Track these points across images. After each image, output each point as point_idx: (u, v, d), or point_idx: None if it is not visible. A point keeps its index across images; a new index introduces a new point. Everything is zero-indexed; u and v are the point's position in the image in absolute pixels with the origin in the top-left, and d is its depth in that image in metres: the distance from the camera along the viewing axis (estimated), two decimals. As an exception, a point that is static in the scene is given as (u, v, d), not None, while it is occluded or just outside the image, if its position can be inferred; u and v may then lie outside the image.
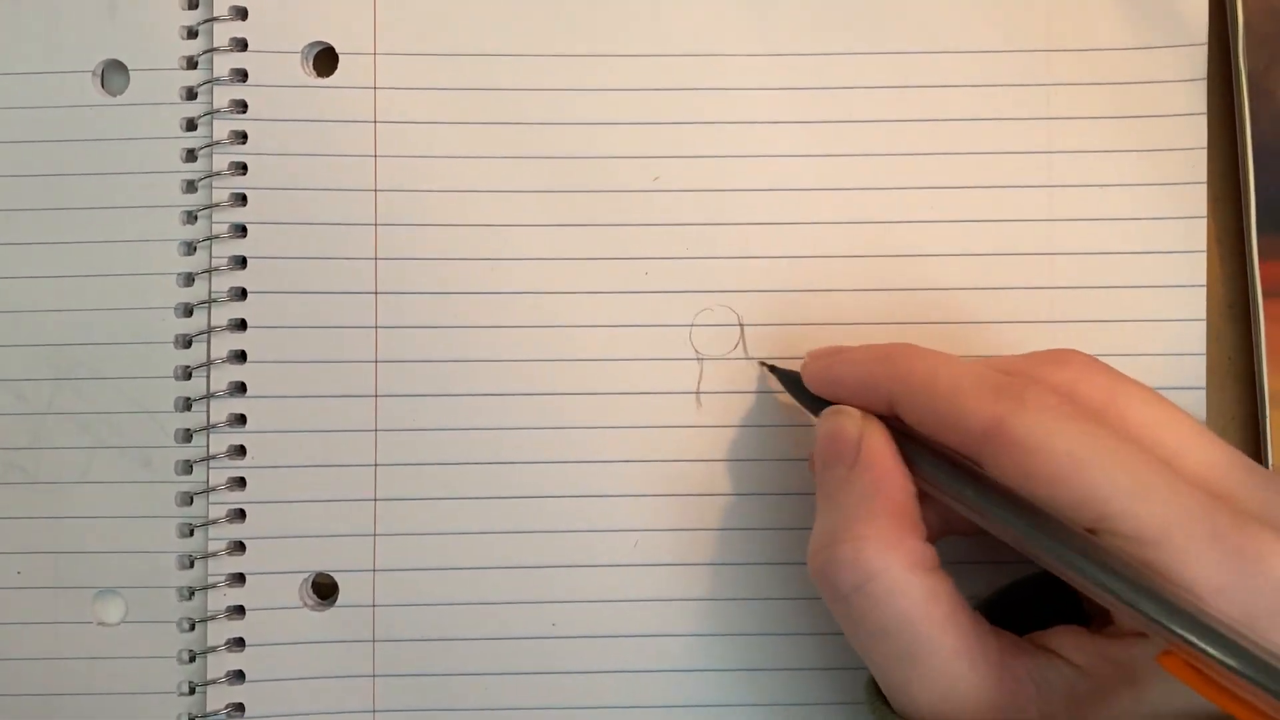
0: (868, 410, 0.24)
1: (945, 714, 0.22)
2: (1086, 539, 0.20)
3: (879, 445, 0.23)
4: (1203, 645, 0.18)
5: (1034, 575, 0.26)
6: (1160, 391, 0.22)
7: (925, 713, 0.22)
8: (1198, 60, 0.28)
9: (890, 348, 0.24)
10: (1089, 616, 0.24)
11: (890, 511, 0.23)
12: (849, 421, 0.24)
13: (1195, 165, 0.28)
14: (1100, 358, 0.23)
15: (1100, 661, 0.21)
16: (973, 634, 0.22)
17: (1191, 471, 0.21)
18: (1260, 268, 0.28)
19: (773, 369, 0.28)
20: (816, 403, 0.26)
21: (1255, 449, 0.29)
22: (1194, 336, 0.28)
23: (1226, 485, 0.21)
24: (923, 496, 0.24)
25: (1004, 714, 0.21)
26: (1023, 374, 0.22)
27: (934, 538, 0.23)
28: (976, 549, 0.27)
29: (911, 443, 0.23)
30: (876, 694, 0.24)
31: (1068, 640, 0.22)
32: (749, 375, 0.29)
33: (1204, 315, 0.28)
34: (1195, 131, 0.28)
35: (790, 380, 0.27)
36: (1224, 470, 0.21)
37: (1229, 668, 0.18)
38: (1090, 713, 0.21)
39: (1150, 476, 0.20)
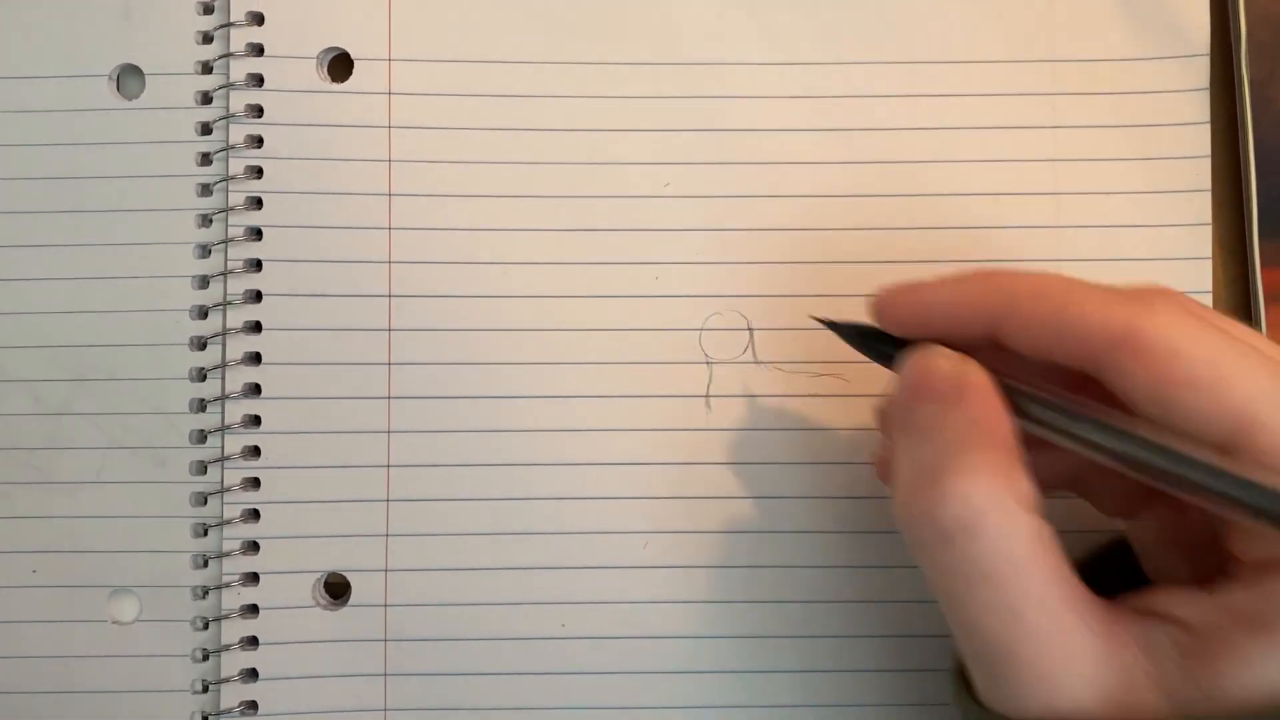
0: (957, 340, 0.22)
1: (1050, 670, 0.19)
2: (1224, 455, 0.19)
3: (980, 379, 0.21)
4: None
5: (1096, 553, 0.25)
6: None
7: (1027, 671, 0.20)
8: (1200, 70, 0.29)
9: (985, 271, 0.23)
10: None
11: (997, 444, 0.20)
12: (942, 358, 0.22)
13: (1199, 173, 0.29)
14: None
15: (1217, 614, 0.19)
16: (1077, 587, 0.20)
17: None
18: (1262, 274, 0.29)
19: (830, 323, 0.25)
20: (886, 347, 0.24)
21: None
22: (1197, 342, 0.29)
23: None
24: None
25: (1114, 678, 0.19)
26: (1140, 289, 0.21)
27: None
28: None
29: (1013, 382, 0.22)
30: (964, 684, 0.22)
31: (1168, 598, 0.20)
32: (759, 379, 0.29)
33: (1207, 321, 0.29)
34: (1199, 140, 0.29)
35: (855, 331, 0.25)
36: None
37: None
38: (1219, 674, 0.19)
39: None
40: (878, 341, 0.24)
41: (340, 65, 0.30)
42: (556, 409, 0.29)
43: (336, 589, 0.29)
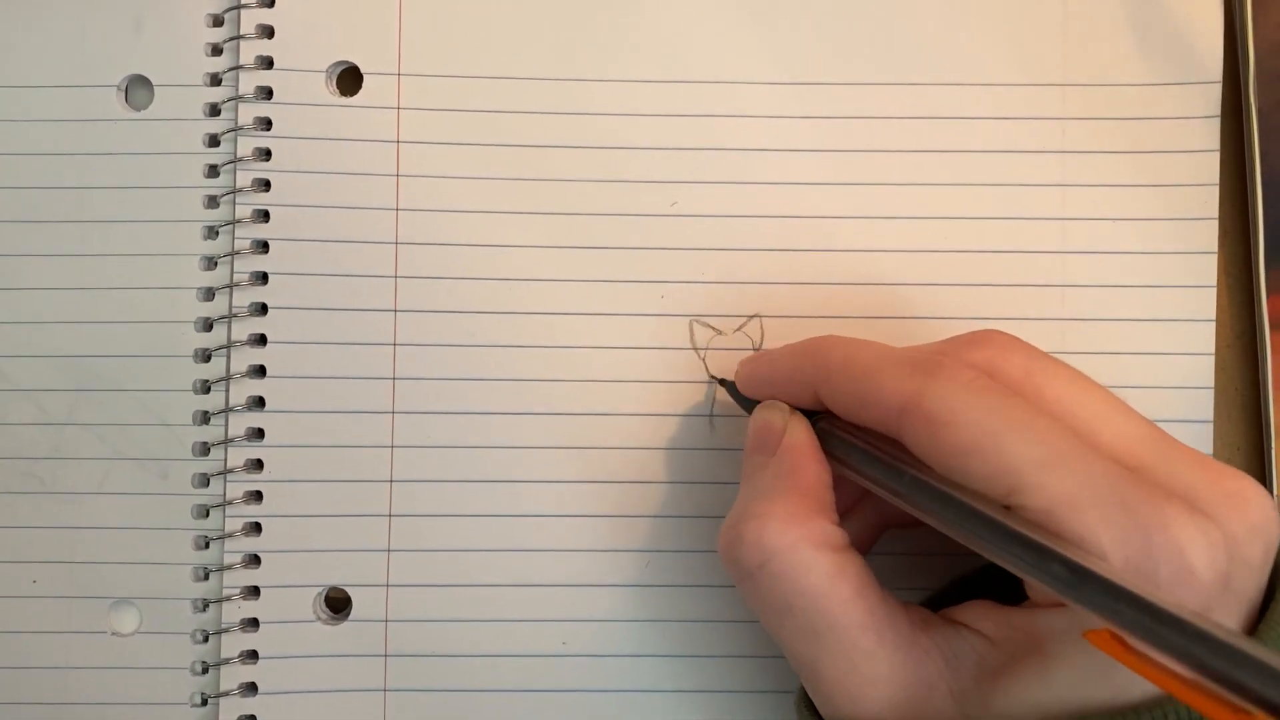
0: (796, 405, 0.25)
1: (853, 688, 0.22)
2: (1003, 512, 0.20)
3: (799, 435, 0.24)
4: (1131, 616, 0.18)
5: (978, 569, 0.26)
6: (1168, 425, 0.22)
7: (834, 690, 0.22)
8: (1212, 98, 0.29)
9: (810, 340, 0.25)
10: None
11: (799, 491, 0.23)
12: (775, 414, 0.25)
13: (1207, 201, 0.29)
14: (1110, 389, 0.23)
15: (1009, 631, 0.21)
16: (880, 610, 0.22)
17: (1107, 445, 0.21)
18: (1268, 301, 0.29)
19: (721, 381, 0.28)
20: (753, 406, 0.26)
21: (1260, 479, 0.29)
22: (1203, 370, 0.29)
23: (1141, 458, 0.21)
24: (865, 494, 0.24)
25: (912, 688, 0.21)
26: (941, 353, 0.22)
27: (875, 533, 0.25)
28: (922, 541, 0.28)
29: (840, 437, 0.24)
30: (805, 702, 0.24)
31: (978, 612, 0.22)
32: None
33: (1213, 350, 0.29)
34: (1208, 168, 0.29)
35: (733, 388, 0.27)
36: (1139, 443, 0.21)
37: (1155, 639, 0.17)
38: (999, 687, 0.21)
39: (1062, 448, 0.20)
40: (753, 406, 0.26)
41: (349, 79, 0.30)
42: (559, 426, 0.29)
43: (337, 604, 0.29)
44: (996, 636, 0.22)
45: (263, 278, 0.29)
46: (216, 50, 0.30)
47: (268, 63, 0.29)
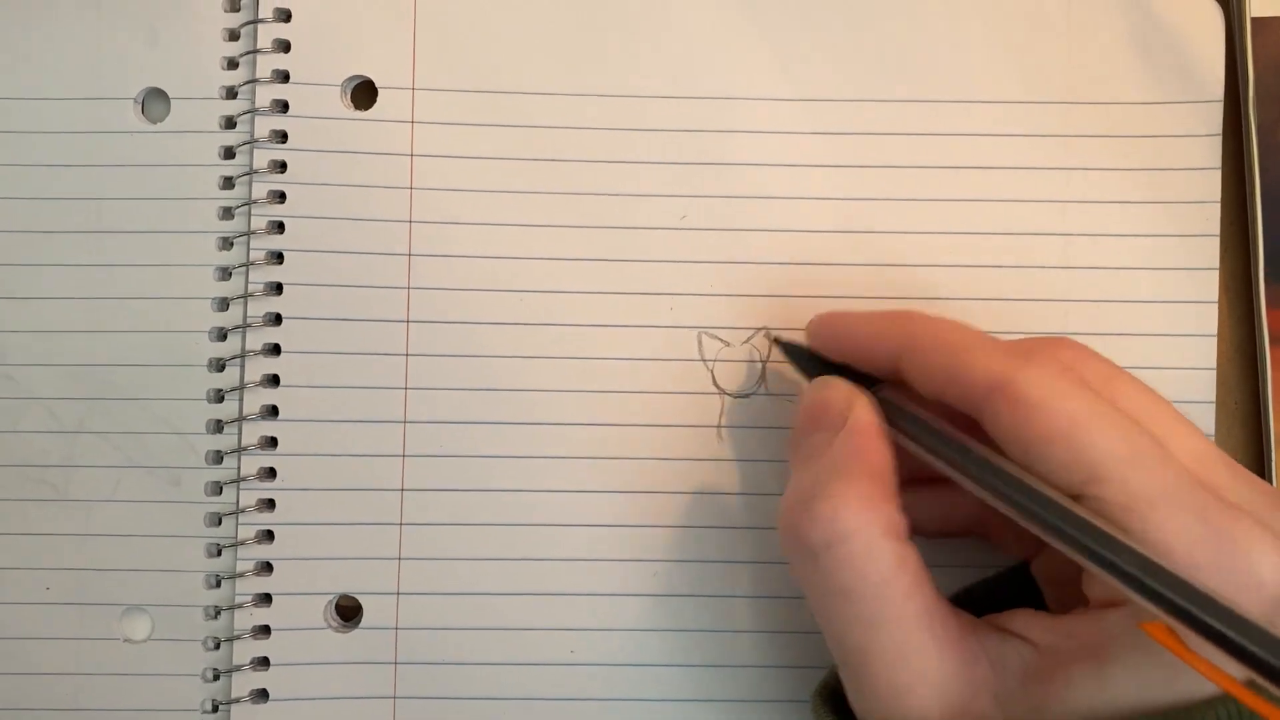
0: (869, 367, 0.25)
1: (900, 682, 0.22)
2: (1072, 501, 0.20)
3: (866, 414, 0.24)
4: (1200, 615, 0.18)
5: (998, 575, 0.27)
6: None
7: (879, 681, 0.22)
8: (1213, 116, 0.29)
9: (898, 310, 0.25)
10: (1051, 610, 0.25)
11: (870, 475, 0.23)
12: (836, 391, 0.24)
13: (1209, 218, 0.29)
14: None
15: (1060, 638, 0.21)
16: (935, 607, 0.22)
17: (1182, 459, 0.21)
18: (1268, 315, 0.29)
19: (777, 340, 0.28)
20: (816, 370, 0.26)
21: (1260, 493, 0.30)
22: (1204, 385, 0.29)
23: (1210, 476, 0.21)
24: (904, 490, 0.24)
25: (958, 687, 0.21)
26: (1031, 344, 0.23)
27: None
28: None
29: (904, 412, 0.24)
30: (823, 702, 0.24)
31: (1026, 619, 0.22)
32: (770, 411, 0.29)
33: (1214, 364, 0.29)
34: (1209, 185, 0.29)
35: (794, 351, 0.27)
36: (1209, 463, 0.21)
37: (1217, 637, 0.18)
38: (1049, 693, 0.21)
39: (1145, 448, 0.20)
40: (813, 364, 0.26)
41: (364, 93, 0.30)
42: (569, 436, 0.29)
43: (348, 611, 0.30)
44: (1044, 644, 0.22)
45: (277, 288, 0.29)
46: (232, 64, 0.30)
47: (283, 76, 0.30)
